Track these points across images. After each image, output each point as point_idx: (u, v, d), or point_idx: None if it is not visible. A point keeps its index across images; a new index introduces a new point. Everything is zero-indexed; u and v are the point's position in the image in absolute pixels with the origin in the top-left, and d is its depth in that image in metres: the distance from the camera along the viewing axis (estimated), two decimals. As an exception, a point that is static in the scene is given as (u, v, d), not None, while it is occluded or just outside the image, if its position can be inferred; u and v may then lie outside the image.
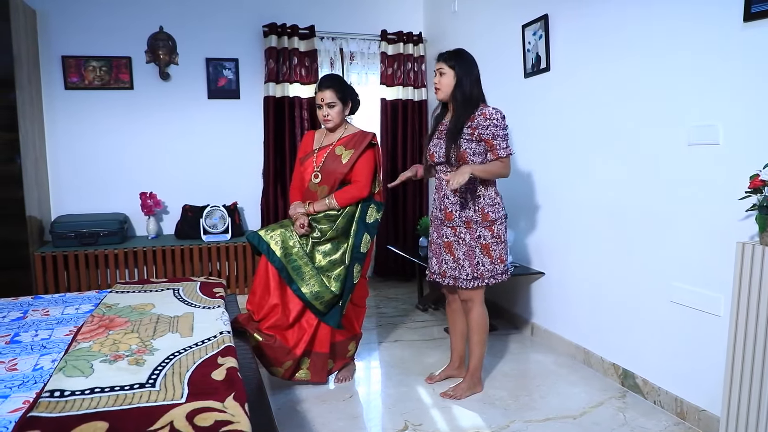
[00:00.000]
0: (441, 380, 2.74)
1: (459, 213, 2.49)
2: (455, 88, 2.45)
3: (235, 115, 4.50)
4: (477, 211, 2.47)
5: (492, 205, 2.48)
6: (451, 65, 2.44)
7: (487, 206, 2.47)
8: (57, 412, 1.32)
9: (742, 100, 2.02)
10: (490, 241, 2.48)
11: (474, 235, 2.48)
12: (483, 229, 2.47)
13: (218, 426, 1.24)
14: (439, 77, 2.48)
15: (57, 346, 1.87)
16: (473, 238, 2.48)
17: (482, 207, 2.47)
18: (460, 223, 2.49)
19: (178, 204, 4.38)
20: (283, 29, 4.38)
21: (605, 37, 2.71)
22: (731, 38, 2.05)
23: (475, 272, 2.49)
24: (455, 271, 2.52)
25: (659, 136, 2.40)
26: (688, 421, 2.29)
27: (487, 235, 2.47)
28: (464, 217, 2.48)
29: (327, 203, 2.57)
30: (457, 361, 2.77)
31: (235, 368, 1.56)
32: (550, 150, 3.19)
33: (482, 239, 2.48)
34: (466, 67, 2.45)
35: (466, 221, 2.48)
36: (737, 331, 1.83)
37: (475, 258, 2.49)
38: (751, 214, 1.90)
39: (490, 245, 2.48)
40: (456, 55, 2.47)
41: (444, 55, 2.48)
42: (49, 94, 4.09)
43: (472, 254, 2.48)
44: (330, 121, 2.59)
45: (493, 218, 2.48)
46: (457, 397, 2.56)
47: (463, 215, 2.48)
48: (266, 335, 2.46)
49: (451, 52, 2.48)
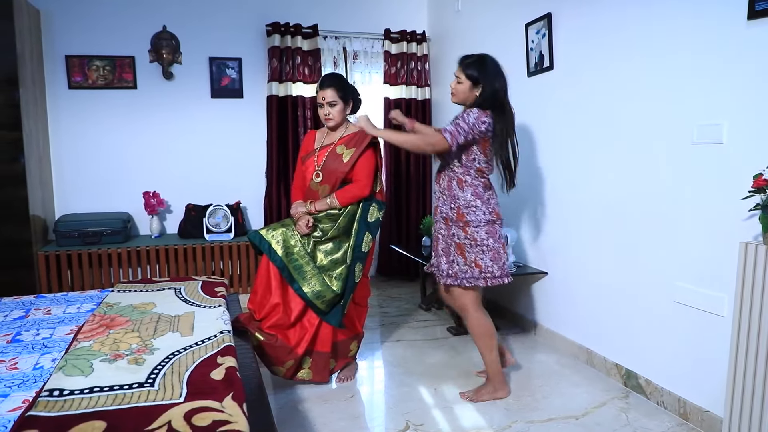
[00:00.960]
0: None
1: (441, 208, 2.54)
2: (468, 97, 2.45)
3: (239, 114, 4.51)
4: (453, 209, 2.49)
5: (467, 207, 2.45)
6: (469, 75, 2.43)
7: (462, 207, 2.46)
8: (56, 412, 1.33)
9: (746, 98, 2.00)
10: (464, 241, 2.46)
11: (449, 232, 2.50)
12: (457, 229, 2.48)
13: (216, 426, 1.24)
14: (455, 83, 2.49)
15: (58, 345, 1.87)
16: (449, 235, 2.51)
17: (458, 207, 2.47)
18: (439, 219, 2.55)
19: (181, 203, 4.38)
20: (286, 28, 4.38)
21: (608, 35, 2.69)
22: (735, 36, 2.03)
23: (450, 270, 2.50)
24: (439, 264, 2.57)
25: (663, 135, 2.38)
26: (691, 422, 2.27)
27: (460, 235, 2.47)
28: (443, 213, 2.53)
29: (328, 202, 2.56)
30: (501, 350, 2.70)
31: (235, 368, 1.56)
32: (553, 149, 3.18)
33: (456, 238, 2.48)
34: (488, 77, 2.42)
35: (444, 217, 2.52)
36: (740, 332, 1.81)
37: (450, 255, 2.51)
38: (755, 213, 1.88)
39: (464, 246, 2.46)
40: (475, 64, 2.44)
41: (463, 61, 2.48)
42: (52, 93, 4.10)
43: (448, 250, 2.52)
44: (331, 120, 2.59)
45: (467, 220, 2.44)
46: (475, 400, 2.51)
47: (443, 211, 2.53)
48: (268, 335, 2.45)
49: (472, 61, 2.46)
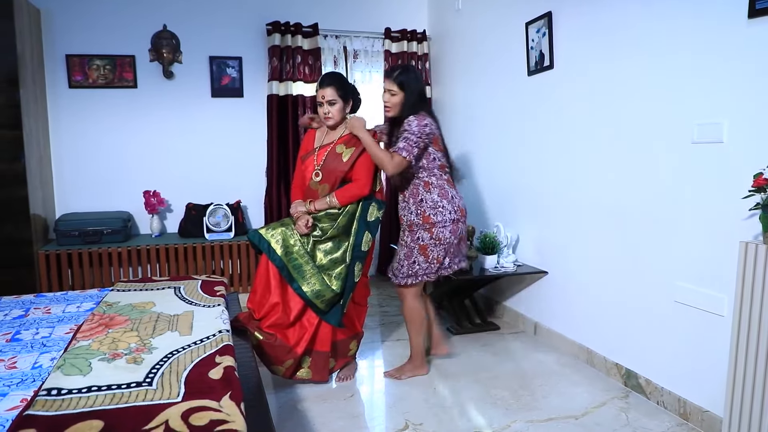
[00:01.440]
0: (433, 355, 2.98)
1: (406, 217, 2.65)
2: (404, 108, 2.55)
3: (239, 113, 4.50)
4: (419, 214, 2.60)
5: (434, 209, 2.58)
6: (400, 83, 2.52)
7: (428, 209, 2.59)
8: (53, 411, 1.33)
9: (747, 97, 1.99)
10: (428, 242, 2.61)
11: (414, 236, 2.63)
12: (422, 231, 2.60)
13: (213, 425, 1.24)
14: (389, 96, 2.55)
15: (57, 344, 1.87)
16: (413, 240, 2.63)
17: (424, 210, 2.59)
18: (405, 227, 2.68)
19: (181, 202, 4.38)
20: (286, 27, 4.38)
21: (609, 34, 2.68)
22: (736, 34, 2.02)
23: (410, 270, 2.64)
24: (394, 268, 2.72)
25: (663, 134, 2.37)
26: (691, 422, 2.27)
27: (425, 236, 2.60)
28: (407, 221, 2.65)
29: (328, 201, 2.56)
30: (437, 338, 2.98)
31: (233, 367, 1.56)
32: (553, 148, 3.17)
33: (421, 240, 2.61)
34: (412, 81, 2.53)
35: (409, 224, 2.65)
36: (740, 332, 1.81)
37: (413, 257, 2.64)
38: (755, 213, 1.88)
39: (427, 246, 2.61)
40: (404, 72, 2.54)
41: (391, 74, 2.55)
42: (53, 92, 4.10)
43: (410, 254, 2.64)
44: (331, 118, 2.58)
45: (434, 221, 2.58)
46: (398, 377, 2.73)
47: (407, 219, 2.65)
48: (267, 334, 2.45)
49: (400, 71, 2.55)
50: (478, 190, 4.14)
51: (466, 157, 4.31)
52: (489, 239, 3.40)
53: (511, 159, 3.62)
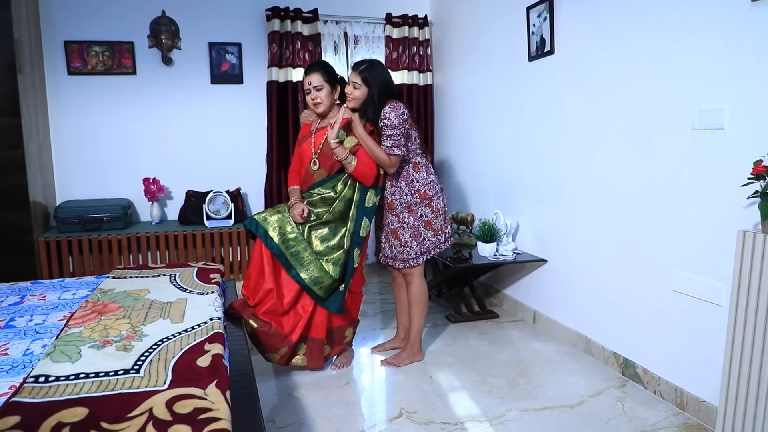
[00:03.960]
0: (386, 350, 2.93)
1: (399, 200, 2.65)
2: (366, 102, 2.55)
3: (239, 100, 4.48)
4: (413, 194, 2.64)
5: (427, 184, 2.66)
6: (364, 78, 2.52)
7: (422, 186, 2.65)
8: (40, 398, 1.32)
9: (749, 82, 1.94)
10: (431, 216, 2.68)
11: (417, 215, 2.66)
12: (423, 208, 2.66)
13: (197, 413, 1.23)
14: (352, 89, 2.55)
15: (50, 331, 1.87)
16: (416, 219, 2.67)
17: (418, 189, 2.65)
18: (402, 210, 2.66)
19: (181, 189, 4.38)
20: (286, 13, 4.33)
21: (610, 18, 2.63)
22: (738, 19, 1.97)
23: (421, 248, 2.68)
24: (403, 254, 2.69)
25: (664, 120, 2.33)
26: (688, 412, 2.25)
27: (427, 212, 2.67)
28: (404, 203, 2.65)
29: (348, 159, 2.50)
30: (402, 333, 2.96)
31: (221, 355, 1.55)
32: (553, 135, 3.13)
33: (424, 217, 2.67)
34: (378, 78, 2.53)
35: (407, 206, 2.65)
36: (737, 321, 1.78)
37: (421, 236, 2.68)
38: (755, 201, 1.84)
39: (431, 220, 2.68)
40: (369, 68, 2.54)
41: (357, 67, 2.56)
42: (52, 79, 4.09)
43: (418, 234, 2.67)
44: (320, 104, 2.57)
45: (431, 195, 2.66)
46: (397, 364, 2.74)
47: (403, 201, 2.65)
48: (262, 321, 2.45)
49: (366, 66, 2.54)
50: (477, 177, 4.10)
51: (466, 143, 4.27)
52: (488, 227, 3.37)
53: (511, 145, 3.58)
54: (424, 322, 2.82)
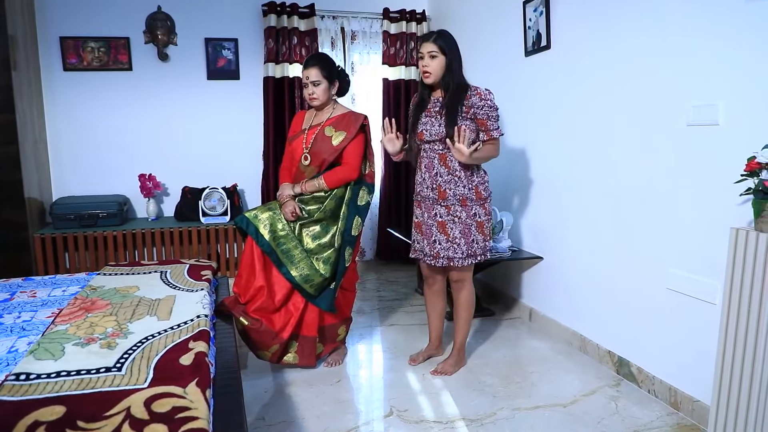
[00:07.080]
0: (423, 361, 2.76)
1: (453, 191, 2.47)
2: (446, 72, 2.42)
3: (235, 96, 4.46)
4: (471, 189, 2.47)
5: (483, 183, 2.52)
6: (441, 47, 2.40)
7: (479, 184, 2.50)
8: (19, 396, 1.31)
9: (744, 78, 1.91)
10: (484, 218, 2.52)
11: (470, 212, 2.48)
12: (477, 207, 2.49)
13: (174, 412, 1.21)
14: (429, 60, 2.42)
15: (36, 328, 1.85)
16: (469, 216, 2.48)
17: (476, 185, 2.48)
18: (454, 202, 2.47)
19: (177, 186, 4.37)
20: (282, 8, 4.31)
21: (606, 14, 2.60)
22: (734, 14, 1.93)
23: (469, 250, 2.49)
24: (449, 251, 2.49)
25: (658, 116, 2.30)
26: (682, 411, 2.23)
27: (481, 212, 2.50)
28: (459, 195, 2.46)
29: (317, 184, 2.53)
30: (436, 341, 2.82)
31: (204, 353, 1.54)
32: (549, 131, 3.10)
33: (477, 217, 2.49)
34: (454, 48, 2.44)
35: (461, 199, 2.46)
36: (729, 319, 1.76)
37: (471, 236, 2.49)
38: (748, 198, 1.81)
39: (484, 223, 2.52)
40: (443, 36, 2.43)
41: (431, 36, 2.42)
42: (47, 75, 4.07)
43: (468, 232, 2.48)
44: (316, 99, 2.54)
45: (485, 196, 2.52)
46: (448, 373, 2.61)
47: (458, 193, 2.46)
48: (252, 319, 2.43)
49: (440, 34, 2.43)
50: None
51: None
52: (484, 224, 3.33)
53: (506, 141, 3.55)
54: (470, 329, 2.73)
